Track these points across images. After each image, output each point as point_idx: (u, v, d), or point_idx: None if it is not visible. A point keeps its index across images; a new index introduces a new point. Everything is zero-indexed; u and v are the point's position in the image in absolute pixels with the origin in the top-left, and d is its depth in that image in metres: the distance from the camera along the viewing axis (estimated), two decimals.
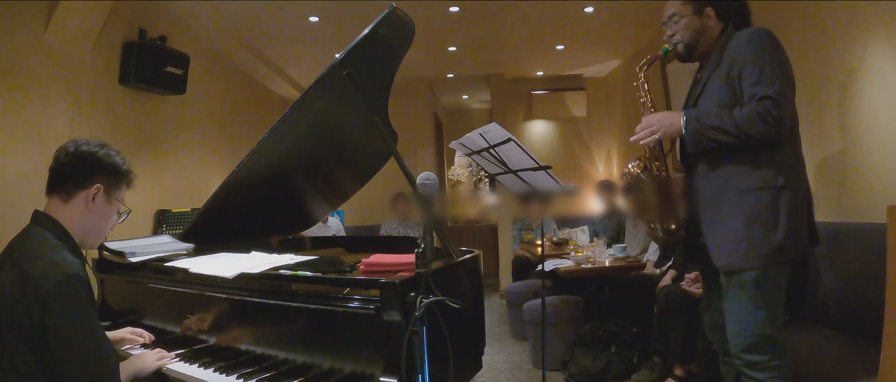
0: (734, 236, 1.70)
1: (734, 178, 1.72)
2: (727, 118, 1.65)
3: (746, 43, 1.70)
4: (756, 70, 1.65)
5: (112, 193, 1.51)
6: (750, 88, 1.65)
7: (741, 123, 1.63)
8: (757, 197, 1.68)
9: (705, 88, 1.81)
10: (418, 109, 6.54)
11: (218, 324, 1.68)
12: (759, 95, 1.62)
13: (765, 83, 1.63)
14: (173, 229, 3.64)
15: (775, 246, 1.66)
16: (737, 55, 1.71)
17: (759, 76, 1.64)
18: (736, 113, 1.65)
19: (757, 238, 1.66)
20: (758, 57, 1.66)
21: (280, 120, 1.66)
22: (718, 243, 1.75)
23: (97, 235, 1.54)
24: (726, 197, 1.73)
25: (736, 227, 1.69)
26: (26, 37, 2.76)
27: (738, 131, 1.63)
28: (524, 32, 4.71)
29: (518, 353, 4.02)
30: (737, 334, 1.73)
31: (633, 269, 3.66)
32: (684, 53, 1.90)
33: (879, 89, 2.44)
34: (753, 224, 1.67)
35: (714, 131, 1.67)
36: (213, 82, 4.69)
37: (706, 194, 1.79)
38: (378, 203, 5.56)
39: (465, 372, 1.66)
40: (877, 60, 2.44)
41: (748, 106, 1.64)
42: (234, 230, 2.11)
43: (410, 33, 1.78)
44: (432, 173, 1.41)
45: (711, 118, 1.68)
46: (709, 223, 1.78)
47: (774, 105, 1.60)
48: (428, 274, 1.27)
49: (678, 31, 1.88)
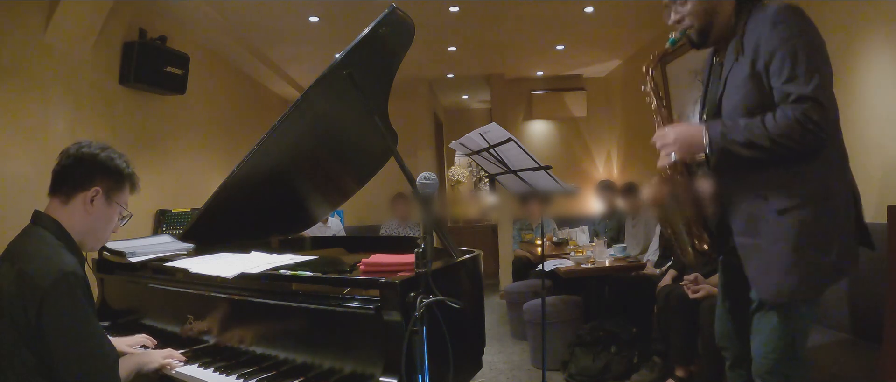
0: (782, 265, 1.43)
1: (773, 195, 1.45)
2: (759, 131, 1.38)
3: (771, 27, 1.41)
4: (788, 62, 1.37)
5: (112, 196, 1.51)
6: (781, 85, 1.39)
7: (776, 135, 1.36)
8: (803, 215, 1.41)
9: (727, 85, 1.54)
10: (418, 109, 6.54)
11: (218, 324, 1.68)
12: (795, 96, 1.36)
13: (800, 79, 1.36)
14: (173, 229, 3.64)
15: (830, 269, 1.43)
16: (762, 41, 1.43)
17: (793, 70, 1.37)
18: (768, 123, 1.38)
19: (809, 264, 1.42)
20: (787, 44, 1.38)
21: (280, 120, 1.66)
22: (763, 272, 1.48)
23: (96, 237, 1.53)
24: (766, 218, 1.46)
25: (783, 254, 1.43)
26: (26, 37, 2.76)
27: (774, 145, 1.37)
28: (524, 32, 4.71)
29: (518, 353, 4.02)
30: (765, 355, 1.54)
31: (633, 269, 3.66)
32: (698, 40, 1.60)
33: (879, 89, 2.44)
34: (803, 249, 1.41)
35: (744, 148, 1.41)
36: (213, 82, 4.69)
37: (739, 212, 1.52)
38: (378, 203, 5.56)
39: (465, 372, 1.66)
40: (877, 60, 2.44)
41: (782, 111, 1.37)
42: (234, 230, 2.11)
43: (410, 33, 1.78)
44: (432, 173, 1.40)
45: (740, 132, 1.41)
46: (747, 248, 1.50)
47: (815, 107, 1.34)
48: (428, 274, 1.27)
49: (686, 14, 1.58)
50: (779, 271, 1.44)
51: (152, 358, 1.61)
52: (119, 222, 1.57)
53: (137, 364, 1.57)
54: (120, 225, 1.59)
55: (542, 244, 3.41)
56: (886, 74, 2.39)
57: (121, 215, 1.56)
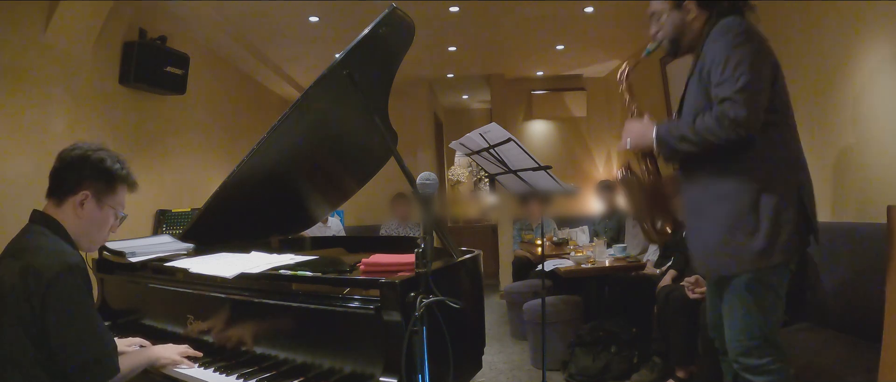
0: (714, 244, 1.67)
1: (711, 183, 1.68)
2: (687, 128, 1.62)
3: (713, 40, 1.63)
4: (719, 69, 1.57)
5: (103, 199, 1.49)
6: (713, 90, 1.59)
7: (701, 131, 1.58)
8: (734, 202, 1.63)
9: (686, 90, 1.78)
10: (418, 109, 6.54)
11: (218, 324, 1.68)
12: (719, 98, 1.56)
13: (726, 83, 1.55)
14: (173, 229, 3.64)
15: (756, 252, 1.61)
16: (707, 52, 1.65)
17: (721, 76, 1.57)
18: (697, 121, 1.61)
19: (736, 245, 1.63)
20: (721, 54, 1.58)
21: (280, 120, 1.66)
22: (700, 250, 1.75)
23: (90, 240, 1.53)
24: (705, 203, 1.70)
25: (715, 234, 1.67)
26: (26, 37, 2.75)
27: (700, 140, 1.59)
28: (524, 32, 4.71)
29: (518, 353, 4.02)
30: (733, 338, 1.71)
31: (633, 269, 3.66)
32: (669, 49, 1.85)
33: (879, 89, 2.44)
34: (732, 231, 1.63)
35: (681, 142, 1.65)
36: (213, 82, 4.69)
37: (689, 199, 1.78)
38: (378, 203, 5.56)
39: (465, 372, 1.66)
40: (877, 60, 2.44)
41: (710, 111, 1.59)
42: (234, 230, 2.11)
43: (410, 33, 1.78)
44: (432, 173, 1.40)
45: (678, 129, 1.66)
46: (691, 230, 1.78)
47: (732, 106, 1.52)
48: (428, 274, 1.27)
49: (661, 28, 1.84)
50: (712, 248, 1.69)
51: (168, 354, 1.60)
52: (116, 223, 1.56)
53: (150, 359, 1.56)
54: (117, 226, 1.58)
55: (542, 243, 3.40)
56: (886, 74, 2.39)
57: (116, 216, 1.55)
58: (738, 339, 1.69)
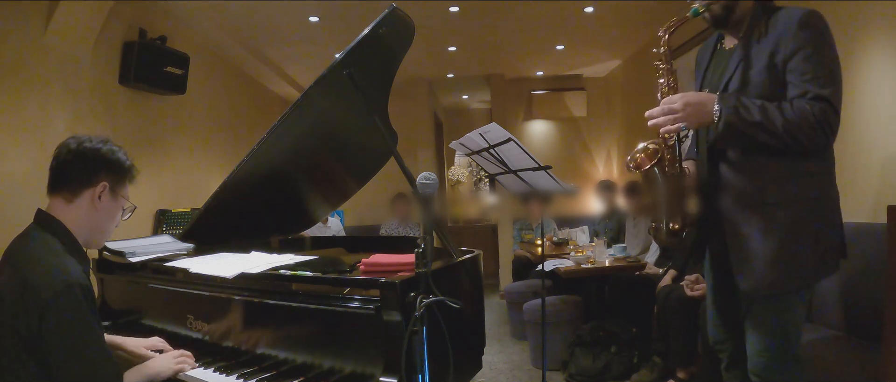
0: (768, 256, 1.46)
1: (769, 186, 1.48)
2: (775, 115, 1.40)
3: (800, 27, 1.43)
4: (812, 62, 1.40)
5: (117, 190, 1.48)
6: (802, 82, 1.41)
7: (792, 125, 1.38)
8: (794, 211, 1.46)
9: (739, 69, 1.53)
10: (418, 109, 6.54)
11: (218, 324, 1.68)
12: (814, 94, 1.39)
13: (822, 80, 1.39)
14: (173, 229, 3.64)
15: (813, 266, 1.47)
16: (785, 37, 1.45)
17: (816, 71, 1.40)
18: (785, 109, 1.40)
19: (794, 258, 1.45)
20: (813, 46, 1.41)
21: (280, 120, 1.66)
22: (748, 261, 1.50)
23: (103, 233, 1.51)
24: (758, 208, 1.48)
25: (770, 245, 1.46)
26: (26, 37, 2.76)
27: (787, 134, 1.39)
28: (524, 32, 4.71)
29: (518, 353, 4.02)
30: (758, 354, 1.57)
31: (633, 269, 3.66)
32: (721, 15, 1.57)
33: (879, 89, 2.44)
34: (790, 243, 1.45)
35: (755, 128, 1.41)
36: (213, 82, 4.69)
37: (732, 200, 1.54)
38: (378, 203, 5.57)
39: (465, 372, 1.66)
40: (877, 60, 2.44)
41: (801, 105, 1.40)
42: (234, 230, 2.11)
43: (410, 33, 1.77)
44: (432, 173, 1.40)
45: (754, 112, 1.41)
46: (735, 236, 1.53)
47: (831, 110, 1.39)
48: (428, 274, 1.27)
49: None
50: (762, 262, 1.48)
51: (164, 365, 1.55)
52: (123, 215, 1.55)
53: (148, 376, 1.52)
54: (124, 219, 1.56)
55: (542, 244, 3.40)
56: (886, 74, 2.39)
57: (124, 208, 1.54)
58: (763, 356, 1.56)
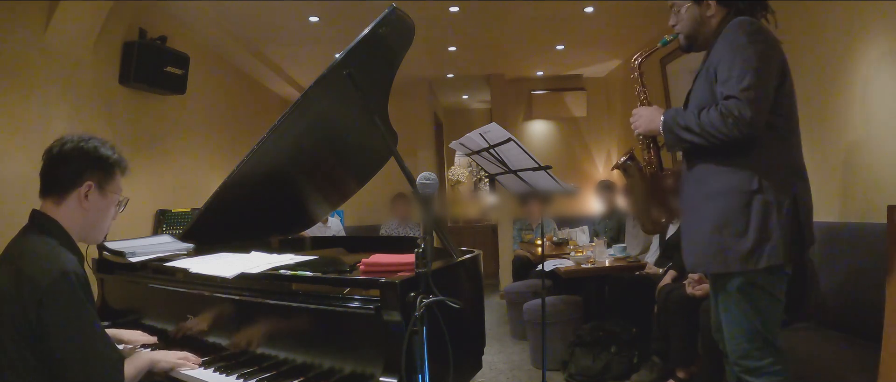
0: (702, 241, 1.68)
1: (706, 181, 1.69)
2: (693, 119, 1.62)
3: (722, 38, 1.65)
4: (726, 67, 1.59)
5: (105, 187, 1.48)
6: (719, 87, 1.61)
7: (705, 125, 1.59)
8: (726, 201, 1.64)
9: (694, 84, 1.78)
10: (418, 109, 6.54)
11: (218, 324, 1.68)
12: (724, 95, 1.57)
13: (732, 80, 1.56)
14: (173, 229, 3.64)
15: (742, 253, 1.60)
16: (715, 49, 1.66)
17: (728, 73, 1.58)
18: (702, 115, 1.61)
19: (723, 244, 1.63)
20: (729, 52, 1.60)
21: (280, 120, 1.66)
22: (689, 246, 1.76)
23: (98, 230, 1.52)
24: (699, 200, 1.71)
25: (704, 231, 1.67)
26: (26, 37, 2.75)
27: (702, 131, 1.60)
28: (524, 32, 4.71)
29: (518, 353, 4.02)
30: (731, 340, 1.71)
31: (633, 269, 3.66)
32: (684, 44, 1.86)
33: (879, 89, 2.44)
34: (721, 229, 1.63)
35: (684, 132, 1.65)
36: (213, 82, 4.69)
37: (685, 195, 1.81)
38: (378, 203, 5.57)
39: (465, 372, 1.66)
40: (877, 60, 2.44)
41: (714, 106, 1.60)
42: (234, 230, 2.11)
43: (410, 33, 1.78)
44: (432, 173, 1.40)
45: (683, 119, 1.66)
46: (684, 225, 1.81)
47: (737, 104, 1.53)
48: (428, 274, 1.27)
49: (679, 21, 1.83)
50: (700, 245, 1.70)
51: (166, 357, 1.58)
52: (118, 209, 1.55)
53: (148, 362, 1.54)
54: (119, 212, 1.57)
55: (542, 244, 3.41)
56: (886, 73, 2.39)
57: (117, 202, 1.54)
58: (736, 341, 1.69)
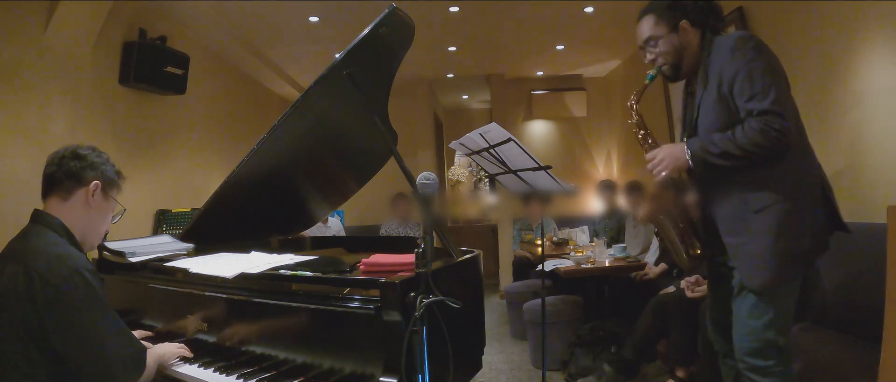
0: (763, 255, 1.64)
1: (750, 198, 1.66)
2: (730, 143, 1.61)
3: (730, 54, 1.64)
4: (747, 83, 1.59)
5: (108, 191, 1.54)
6: (745, 105, 1.60)
7: (745, 144, 1.58)
8: (777, 212, 1.63)
9: (700, 109, 1.75)
10: (418, 109, 6.54)
11: (218, 324, 1.68)
12: (757, 111, 1.57)
13: (758, 96, 1.57)
14: (173, 229, 3.64)
15: (804, 255, 1.64)
16: (723, 69, 1.65)
17: (752, 90, 1.58)
18: (737, 134, 1.60)
19: (786, 253, 1.62)
20: (745, 68, 1.60)
21: (280, 120, 1.66)
22: (749, 264, 1.68)
23: (96, 233, 1.56)
24: (747, 218, 1.67)
25: (763, 246, 1.64)
26: (26, 37, 2.75)
27: (744, 153, 1.59)
28: (524, 32, 4.71)
29: (518, 353, 4.02)
30: (743, 337, 1.71)
31: (633, 269, 3.66)
32: (671, 75, 1.84)
33: (879, 90, 2.44)
34: (779, 239, 1.62)
35: (719, 158, 1.63)
36: (213, 82, 4.69)
37: (725, 217, 1.73)
38: (378, 203, 5.56)
39: (465, 372, 1.66)
40: (877, 61, 2.44)
41: (748, 124, 1.59)
42: (234, 230, 2.11)
43: (410, 33, 1.77)
44: (432, 173, 1.40)
45: (715, 146, 1.64)
46: (734, 246, 1.72)
47: (774, 117, 1.54)
48: (428, 274, 1.27)
49: (658, 54, 1.81)
50: (763, 262, 1.65)
51: (169, 350, 1.62)
52: (114, 218, 1.60)
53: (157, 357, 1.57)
54: (114, 222, 1.61)
55: (542, 244, 3.40)
56: (886, 73, 2.39)
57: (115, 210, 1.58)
58: (748, 339, 1.69)
